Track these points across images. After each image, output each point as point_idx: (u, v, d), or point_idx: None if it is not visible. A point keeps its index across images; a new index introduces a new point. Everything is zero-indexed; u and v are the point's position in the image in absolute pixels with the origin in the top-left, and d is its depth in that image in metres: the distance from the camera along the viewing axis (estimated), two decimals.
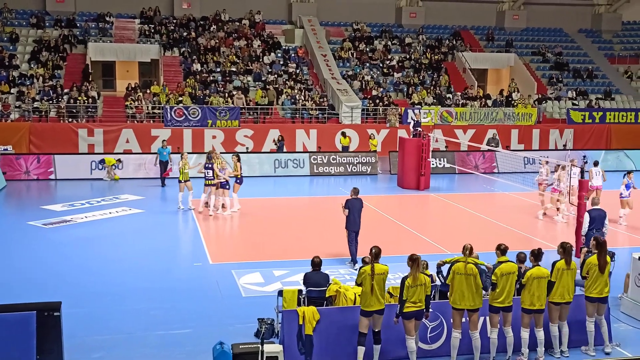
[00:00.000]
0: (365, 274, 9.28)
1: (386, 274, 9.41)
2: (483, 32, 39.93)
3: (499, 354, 9.77)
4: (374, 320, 9.38)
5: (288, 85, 32.16)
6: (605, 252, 10.05)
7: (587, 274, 10.06)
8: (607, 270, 10.06)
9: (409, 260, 9.25)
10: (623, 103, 35.69)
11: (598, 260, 9.96)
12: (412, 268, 9.18)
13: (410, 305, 9.18)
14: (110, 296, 12.21)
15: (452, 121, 31.40)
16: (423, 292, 9.23)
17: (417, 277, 9.17)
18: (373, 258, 9.37)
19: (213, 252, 15.19)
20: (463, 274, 9.41)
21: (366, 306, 9.30)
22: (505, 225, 18.30)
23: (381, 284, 9.32)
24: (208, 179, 18.59)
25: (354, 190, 14.32)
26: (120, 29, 34.32)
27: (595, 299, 10.03)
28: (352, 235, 14.13)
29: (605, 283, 10.04)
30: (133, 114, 28.89)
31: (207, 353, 9.64)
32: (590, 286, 10.02)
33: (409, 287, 9.14)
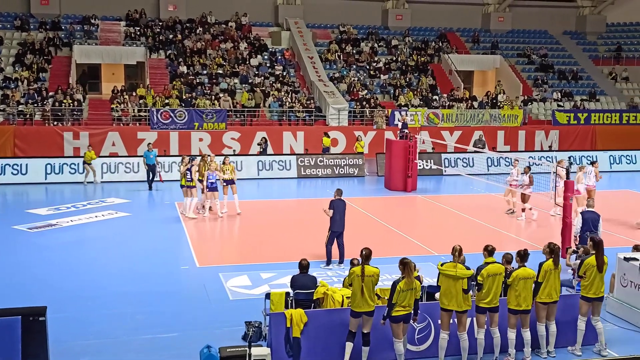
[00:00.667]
0: (355, 275, 9.28)
1: (376, 276, 9.41)
2: (469, 34, 40.13)
3: (486, 355, 9.80)
4: (363, 322, 9.38)
5: (275, 87, 32.14)
6: (603, 252, 10.11)
7: (584, 274, 10.09)
8: (605, 269, 10.13)
9: (400, 264, 9.24)
10: (608, 104, 35.99)
11: (596, 260, 10.02)
12: (404, 272, 9.14)
13: (399, 309, 9.17)
14: (96, 300, 12.12)
15: (438, 123, 31.51)
16: (412, 296, 9.22)
17: (410, 282, 9.14)
18: (363, 260, 9.36)
19: (200, 255, 15.13)
20: (451, 275, 9.42)
21: (355, 307, 9.31)
22: (491, 226, 18.38)
23: (370, 285, 9.32)
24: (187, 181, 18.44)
25: (338, 192, 14.41)
26: (106, 32, 34.15)
27: (592, 299, 10.07)
28: (332, 236, 14.17)
29: (602, 282, 10.10)
30: (119, 116, 28.75)
31: (194, 357, 9.60)
32: (588, 286, 10.06)
33: (400, 292, 9.12)
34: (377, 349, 9.71)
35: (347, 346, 9.41)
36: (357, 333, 9.43)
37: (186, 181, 18.37)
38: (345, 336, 9.44)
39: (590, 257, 10.13)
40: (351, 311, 9.36)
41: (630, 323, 11.27)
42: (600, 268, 10.02)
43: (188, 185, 18.42)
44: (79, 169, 24.43)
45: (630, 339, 10.79)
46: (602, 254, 10.08)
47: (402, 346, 9.35)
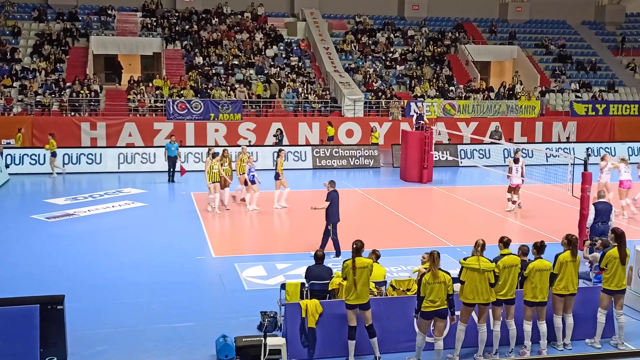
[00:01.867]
0: (348, 268, 9.24)
1: (370, 267, 9.33)
2: (486, 25, 39.79)
3: (502, 347, 9.76)
4: (360, 315, 9.34)
5: (290, 78, 32.10)
6: (625, 244, 10.00)
7: (605, 267, 10.00)
8: (627, 262, 10.04)
9: (428, 255, 9.21)
10: (626, 95, 35.57)
11: (619, 252, 9.92)
12: (430, 264, 9.04)
13: (428, 304, 8.99)
14: (113, 290, 12.22)
15: (454, 114, 31.33)
16: (443, 291, 8.99)
17: (437, 274, 9.01)
18: (354, 252, 9.29)
19: (216, 246, 15.19)
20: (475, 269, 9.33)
21: (349, 300, 9.27)
22: (507, 218, 18.28)
23: (364, 277, 9.22)
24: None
25: (332, 183, 14.38)
26: (123, 22, 34.27)
27: (613, 292, 9.98)
28: (335, 227, 14.06)
29: (624, 275, 10.01)
30: (135, 107, 28.88)
31: (209, 346, 9.66)
32: (610, 279, 9.96)
33: (427, 284, 8.99)
34: (393, 339, 9.70)
35: (349, 344, 9.36)
36: (359, 328, 9.36)
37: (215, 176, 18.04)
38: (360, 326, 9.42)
39: (612, 249, 10.02)
40: (345, 304, 9.31)
41: None
42: (623, 260, 9.93)
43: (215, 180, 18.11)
44: (96, 159, 24.61)
45: None
46: (624, 245, 9.98)
47: (423, 340, 9.23)
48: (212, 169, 17.85)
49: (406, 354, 9.63)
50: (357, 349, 9.48)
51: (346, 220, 18.28)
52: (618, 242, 9.99)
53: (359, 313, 9.31)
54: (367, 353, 9.55)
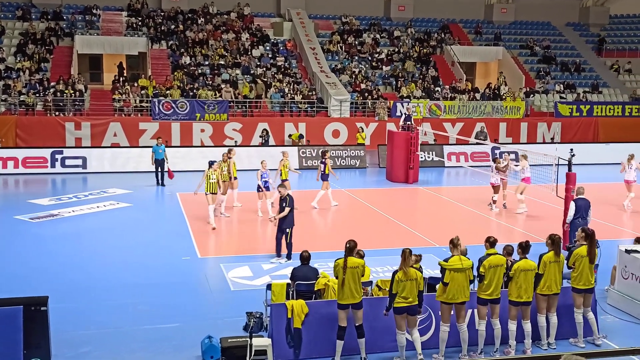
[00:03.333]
0: (339, 267, 9.26)
1: (361, 267, 9.36)
2: (471, 26, 39.98)
3: (487, 346, 9.81)
4: (352, 314, 9.36)
5: (277, 78, 32.08)
6: (595, 244, 10.10)
7: (573, 265, 10.10)
8: (595, 261, 10.13)
9: (417, 257, 9.30)
10: (610, 96, 35.88)
11: (588, 251, 10.01)
12: (402, 262, 9.18)
13: (400, 300, 9.15)
14: (97, 291, 12.14)
15: (440, 114, 31.45)
16: (415, 288, 9.17)
17: (408, 272, 9.14)
18: (347, 252, 9.31)
19: (201, 246, 15.14)
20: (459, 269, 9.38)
21: (340, 299, 9.28)
22: (493, 218, 18.38)
23: (355, 277, 9.25)
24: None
25: (284, 186, 14.12)
26: (107, 22, 34.07)
27: (582, 290, 10.09)
28: (287, 233, 13.75)
29: (592, 274, 10.10)
30: (121, 107, 28.72)
31: (195, 347, 9.62)
32: (577, 277, 10.08)
33: (399, 282, 9.12)
34: (379, 339, 9.73)
35: (337, 344, 9.37)
36: (348, 328, 9.37)
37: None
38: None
39: (580, 248, 10.11)
40: (338, 304, 9.33)
41: (632, 315, 11.27)
42: (592, 259, 10.02)
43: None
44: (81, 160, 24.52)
45: (631, 331, 10.80)
46: (594, 245, 10.07)
47: (404, 338, 9.34)
48: (210, 179, 16.58)
49: (392, 354, 9.65)
50: (343, 349, 9.49)
51: (332, 221, 18.32)
52: (588, 241, 10.08)
53: (351, 312, 9.33)
54: (353, 354, 9.55)
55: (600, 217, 17.51)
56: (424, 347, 9.89)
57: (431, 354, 9.71)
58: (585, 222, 13.52)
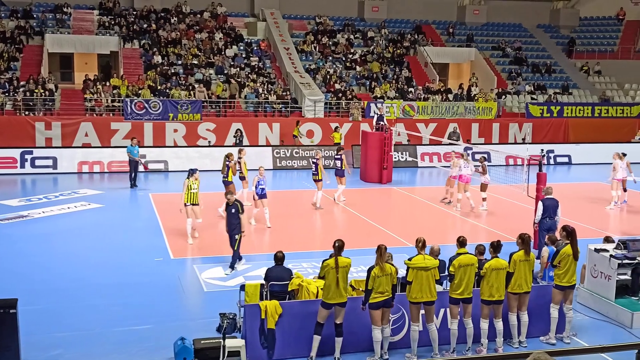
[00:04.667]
0: (329, 267, 9.29)
1: (349, 266, 9.45)
2: (444, 27, 40.28)
3: (459, 345, 9.90)
4: (335, 312, 9.40)
5: (250, 78, 31.98)
6: (576, 241, 10.26)
7: (558, 263, 10.24)
8: (578, 258, 10.29)
9: (376, 250, 9.32)
10: (580, 97, 36.41)
11: (572, 248, 10.16)
12: (377, 258, 9.24)
13: (377, 295, 9.26)
14: (69, 293, 12.00)
15: (414, 115, 31.63)
16: (390, 282, 9.32)
17: (384, 267, 9.23)
18: (336, 251, 9.38)
19: (174, 247, 15.03)
20: (422, 267, 9.47)
21: (329, 299, 9.32)
22: (465, 218, 18.54)
23: (345, 276, 9.35)
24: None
25: (231, 192, 13.91)
26: (79, 20, 33.65)
27: (565, 287, 10.24)
28: (236, 240, 13.30)
29: (575, 271, 10.26)
30: (92, 107, 28.39)
31: (168, 349, 9.56)
32: (562, 275, 10.22)
33: (376, 277, 9.21)
34: (353, 338, 9.76)
35: (314, 340, 9.41)
36: (326, 325, 9.41)
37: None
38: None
39: (566, 247, 10.28)
40: (323, 302, 9.35)
41: (600, 313, 11.47)
42: (576, 256, 10.20)
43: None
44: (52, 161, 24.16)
45: (600, 329, 10.99)
46: (576, 242, 10.24)
47: (380, 334, 9.40)
48: (191, 189, 15.30)
49: (365, 354, 9.69)
50: (318, 349, 9.49)
51: (306, 221, 18.31)
52: (570, 239, 10.25)
53: (335, 311, 9.37)
54: (326, 354, 9.57)
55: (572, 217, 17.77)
56: (397, 346, 9.98)
57: (404, 353, 9.77)
58: (553, 221, 13.75)
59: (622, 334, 10.69)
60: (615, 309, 11.25)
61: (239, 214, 13.15)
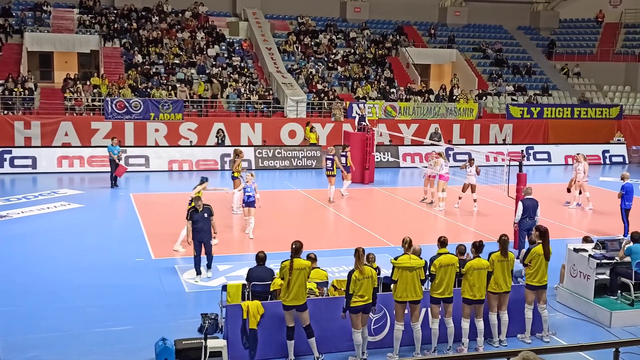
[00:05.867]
0: (285, 269, 9.26)
1: (308, 269, 9.38)
2: (426, 28, 40.47)
3: (440, 344, 9.95)
4: (298, 316, 9.36)
5: (232, 78, 31.89)
6: (549, 241, 10.36)
7: (529, 263, 10.33)
8: (549, 258, 10.38)
9: (354, 253, 9.31)
10: (560, 99, 36.77)
11: (543, 248, 10.25)
12: (356, 261, 9.24)
13: (357, 299, 9.22)
14: (47, 294, 11.87)
15: (395, 116, 31.74)
16: (370, 285, 9.28)
17: (363, 270, 9.21)
18: (293, 253, 9.34)
19: (155, 248, 14.95)
20: (408, 267, 9.51)
21: (285, 301, 9.29)
22: (447, 218, 18.64)
23: (302, 279, 9.25)
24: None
25: (199, 199, 13.10)
26: (59, 19, 33.33)
27: (536, 287, 10.32)
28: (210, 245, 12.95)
29: (546, 271, 10.35)
30: (72, 106, 28.13)
31: (149, 350, 9.49)
32: (533, 274, 10.31)
33: (356, 281, 9.17)
34: (334, 339, 9.77)
35: (288, 344, 9.41)
36: (297, 329, 9.39)
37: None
38: (301, 327, 9.44)
39: (537, 246, 10.37)
40: (282, 305, 9.34)
41: (579, 312, 11.59)
42: (547, 256, 10.30)
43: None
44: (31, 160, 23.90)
45: (579, 328, 11.10)
46: (548, 242, 10.34)
47: (360, 336, 9.41)
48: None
49: (347, 353, 9.71)
50: (298, 349, 9.51)
51: (289, 221, 18.30)
52: (542, 239, 10.35)
53: (296, 314, 9.33)
54: (308, 353, 9.57)
55: (551, 217, 17.95)
56: (379, 346, 10.01)
57: (385, 353, 9.80)
58: (533, 221, 13.88)
59: (601, 332, 10.81)
60: (594, 308, 11.37)
61: (210, 218, 12.64)
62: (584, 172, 19.93)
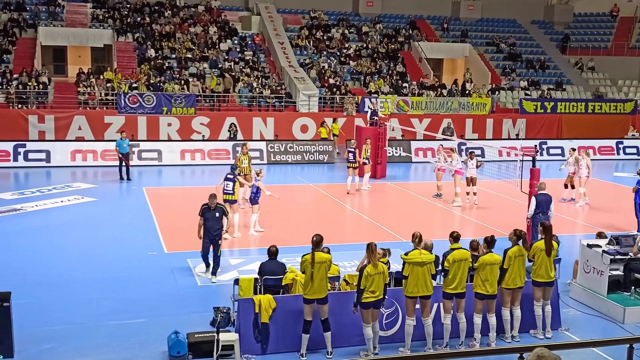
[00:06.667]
0: (307, 263, 9.26)
1: (328, 262, 9.38)
2: (439, 22, 40.28)
3: (452, 339, 9.93)
4: (318, 309, 9.38)
5: (245, 72, 31.91)
6: (551, 236, 10.32)
7: (533, 258, 10.30)
8: (554, 254, 10.32)
9: (366, 248, 9.31)
10: (574, 93, 36.50)
11: (545, 244, 10.21)
12: (369, 256, 9.22)
13: (368, 295, 9.20)
14: (61, 286, 11.97)
15: (408, 110, 31.64)
16: (382, 281, 9.26)
17: (377, 265, 9.21)
18: (314, 246, 9.34)
19: (168, 241, 15.01)
20: (418, 262, 9.49)
21: (307, 294, 9.30)
22: (459, 213, 18.58)
23: (323, 272, 9.27)
24: (227, 193, 15.39)
25: (214, 195, 12.70)
26: (72, 13, 33.47)
27: (541, 283, 10.28)
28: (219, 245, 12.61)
29: (551, 267, 10.30)
30: (85, 100, 28.28)
31: (161, 342, 9.55)
32: (537, 270, 10.28)
33: (368, 276, 9.16)
34: (345, 333, 9.78)
35: (303, 338, 9.41)
36: (313, 322, 9.40)
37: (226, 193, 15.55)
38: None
39: (539, 241, 10.33)
40: (304, 298, 9.35)
41: (593, 308, 11.53)
42: (549, 252, 10.23)
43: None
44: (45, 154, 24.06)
45: (592, 324, 11.05)
46: (550, 238, 10.29)
47: (371, 331, 9.42)
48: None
49: (358, 347, 9.72)
50: (310, 343, 9.52)
51: (300, 216, 18.33)
52: (545, 234, 10.30)
53: (317, 307, 9.35)
54: (319, 348, 9.59)
55: (565, 213, 17.86)
56: (391, 340, 10.02)
57: (397, 348, 9.80)
58: (546, 217, 13.79)
59: (614, 328, 10.75)
60: (608, 304, 11.31)
61: (222, 217, 12.47)
62: (588, 167, 19.90)
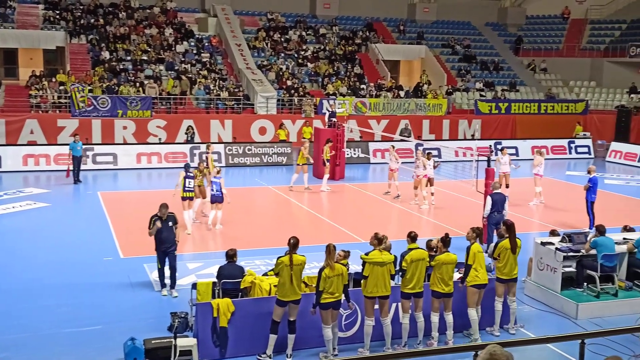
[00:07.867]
0: (283, 265, 9.27)
1: (303, 264, 9.45)
2: (395, 24, 40.65)
3: (410, 339, 10.02)
4: (289, 310, 9.41)
5: (202, 74, 31.66)
6: (515, 234, 10.51)
7: (498, 256, 10.48)
8: (518, 252, 10.53)
9: (325, 249, 9.34)
10: (527, 94, 37.25)
11: (510, 242, 10.41)
12: (327, 258, 9.26)
13: (327, 296, 9.25)
14: (16, 293, 11.70)
15: (366, 112, 31.84)
16: (340, 283, 9.32)
17: (334, 268, 9.24)
18: (291, 248, 9.37)
19: (124, 246, 14.80)
20: (379, 262, 9.56)
21: (283, 296, 9.31)
22: (416, 214, 18.77)
23: (298, 274, 9.36)
24: (188, 191, 15.60)
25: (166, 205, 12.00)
26: (23, 15, 32.71)
27: (506, 280, 10.47)
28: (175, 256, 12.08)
29: (515, 264, 10.50)
30: (37, 103, 27.66)
31: (118, 349, 9.41)
32: (502, 268, 10.47)
33: (327, 278, 9.20)
34: (304, 335, 9.78)
35: (270, 338, 9.41)
36: (281, 322, 9.43)
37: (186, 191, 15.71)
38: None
39: (504, 240, 10.53)
40: (278, 300, 9.35)
41: (546, 304, 11.78)
42: (514, 250, 10.45)
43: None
44: None
45: (546, 320, 11.29)
46: (514, 236, 10.50)
47: (330, 332, 9.45)
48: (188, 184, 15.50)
49: (318, 349, 9.73)
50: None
51: (260, 218, 18.27)
52: (509, 233, 10.52)
53: (289, 308, 9.36)
54: (279, 350, 9.56)
55: (518, 211, 18.20)
56: (350, 341, 10.06)
57: (356, 348, 9.85)
58: (501, 215, 14.06)
59: (567, 324, 11.01)
60: (561, 300, 11.57)
61: (174, 227, 11.87)
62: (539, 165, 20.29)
